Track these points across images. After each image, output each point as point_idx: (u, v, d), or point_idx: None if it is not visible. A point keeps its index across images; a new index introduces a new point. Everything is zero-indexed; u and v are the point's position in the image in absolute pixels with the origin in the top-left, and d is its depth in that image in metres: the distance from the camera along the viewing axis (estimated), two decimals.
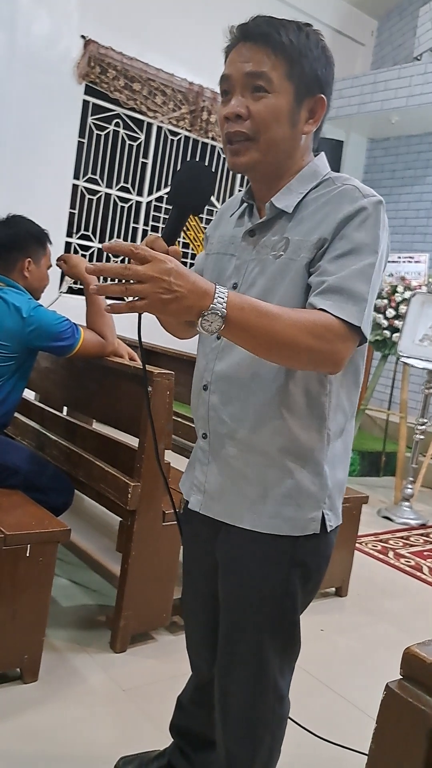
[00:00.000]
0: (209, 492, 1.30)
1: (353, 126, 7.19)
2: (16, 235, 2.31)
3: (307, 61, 1.17)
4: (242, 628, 1.28)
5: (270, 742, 1.34)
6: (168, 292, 0.98)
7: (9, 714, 1.83)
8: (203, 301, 1.01)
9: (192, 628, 1.51)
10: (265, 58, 1.15)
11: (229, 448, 1.25)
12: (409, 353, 4.42)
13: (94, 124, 5.93)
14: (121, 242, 1.00)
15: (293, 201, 1.21)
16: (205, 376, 1.28)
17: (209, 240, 1.41)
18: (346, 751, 1.83)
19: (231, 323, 1.03)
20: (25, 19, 5.25)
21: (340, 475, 1.28)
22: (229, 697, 1.33)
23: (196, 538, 1.39)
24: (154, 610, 2.26)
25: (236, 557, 1.27)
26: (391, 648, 2.59)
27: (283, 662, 1.30)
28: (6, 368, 2.22)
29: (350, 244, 1.13)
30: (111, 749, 1.72)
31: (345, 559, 2.97)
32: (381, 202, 1.17)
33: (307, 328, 1.06)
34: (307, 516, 1.22)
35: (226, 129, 1.19)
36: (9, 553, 1.87)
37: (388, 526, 4.25)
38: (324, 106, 1.22)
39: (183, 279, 0.99)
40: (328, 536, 1.27)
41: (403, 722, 0.68)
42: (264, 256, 1.22)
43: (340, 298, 1.10)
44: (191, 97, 6.27)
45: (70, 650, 2.18)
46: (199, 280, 1.02)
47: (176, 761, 1.59)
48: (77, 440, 2.55)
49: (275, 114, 1.16)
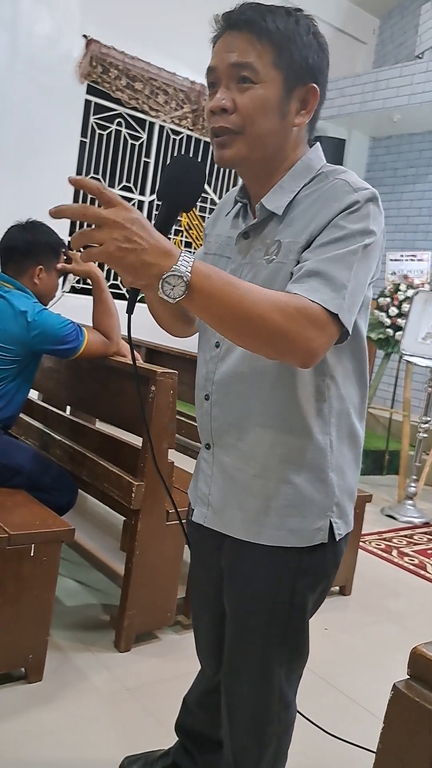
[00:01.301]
0: (213, 504, 1.27)
1: (355, 124, 7.18)
2: (34, 242, 2.31)
3: (296, 48, 1.09)
4: (248, 639, 1.26)
5: (275, 747, 1.32)
6: (127, 241, 0.89)
7: (14, 713, 1.83)
8: (166, 260, 0.92)
9: (200, 634, 1.49)
10: (250, 46, 1.08)
11: (232, 460, 1.22)
12: (411, 351, 4.42)
13: (96, 123, 5.94)
14: (85, 179, 0.93)
15: (284, 201, 1.15)
16: (207, 386, 1.25)
17: (207, 238, 1.37)
18: (351, 749, 1.83)
19: (195, 290, 0.94)
20: (27, 19, 5.25)
21: (350, 481, 1.23)
22: (235, 704, 1.31)
23: (202, 548, 1.37)
24: (158, 610, 2.26)
25: (241, 570, 1.24)
26: (396, 646, 2.59)
27: (290, 671, 1.28)
28: (10, 371, 2.22)
29: (335, 233, 1.06)
30: (115, 749, 1.72)
31: (349, 558, 2.97)
32: (374, 195, 1.09)
33: (278, 306, 0.98)
34: (313, 526, 1.18)
35: (211, 123, 1.13)
36: (13, 552, 1.87)
37: (392, 524, 4.25)
38: (317, 95, 1.13)
39: (146, 232, 0.91)
40: (337, 545, 1.22)
41: (410, 722, 0.68)
42: (257, 261, 1.17)
43: (316, 282, 1.02)
44: (193, 96, 6.27)
45: (74, 650, 2.18)
46: (164, 240, 0.93)
47: (181, 761, 1.60)
48: (81, 440, 2.55)
49: (262, 106, 1.09)
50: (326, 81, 1.16)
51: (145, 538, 2.16)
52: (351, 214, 1.06)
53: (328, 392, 1.17)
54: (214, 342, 1.24)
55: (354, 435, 1.23)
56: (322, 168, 1.17)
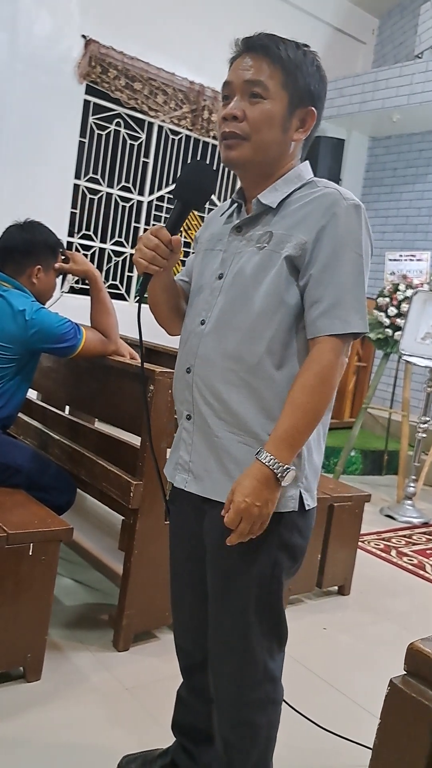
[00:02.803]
0: (194, 471, 1.36)
1: (354, 124, 7.18)
2: (32, 241, 2.31)
3: (302, 75, 1.28)
4: (230, 610, 1.32)
5: (266, 727, 1.36)
6: (260, 517, 1.21)
7: (12, 713, 1.83)
8: (275, 486, 1.21)
9: (180, 611, 1.54)
10: (264, 66, 1.26)
11: (214, 428, 1.31)
12: (411, 351, 4.42)
13: (95, 123, 5.94)
14: None
15: (277, 198, 1.31)
16: (189, 360, 1.35)
17: (198, 241, 1.49)
18: (347, 746, 1.83)
19: (293, 456, 1.23)
20: (26, 19, 5.25)
21: (316, 460, 1.35)
22: (222, 681, 1.37)
23: (183, 521, 1.44)
24: (156, 609, 2.26)
25: (223, 539, 1.29)
26: (394, 646, 2.59)
27: (271, 644, 1.35)
28: (8, 370, 2.22)
29: (334, 255, 1.22)
30: (114, 748, 1.72)
31: (348, 558, 2.97)
32: (360, 206, 1.26)
33: (313, 387, 1.22)
34: (287, 493, 1.29)
35: (222, 128, 1.30)
36: (12, 552, 1.87)
37: (391, 524, 4.25)
38: (314, 117, 1.32)
39: (261, 500, 1.20)
40: (307, 516, 1.34)
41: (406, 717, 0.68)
42: (249, 248, 1.30)
43: (341, 311, 1.22)
44: (192, 97, 6.27)
45: (72, 649, 2.18)
46: (261, 487, 1.20)
47: (179, 759, 1.60)
48: (79, 439, 2.55)
49: (268, 118, 1.27)
50: (323, 107, 1.35)
51: (143, 537, 2.16)
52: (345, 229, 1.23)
53: None
54: (199, 320, 1.35)
55: (322, 421, 1.34)
56: (310, 178, 1.35)
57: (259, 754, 1.37)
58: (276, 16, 6.40)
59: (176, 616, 1.56)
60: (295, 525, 1.31)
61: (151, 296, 1.45)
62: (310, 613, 2.77)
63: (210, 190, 1.32)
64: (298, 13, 6.71)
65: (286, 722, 1.44)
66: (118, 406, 2.42)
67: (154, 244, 1.29)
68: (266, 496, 1.20)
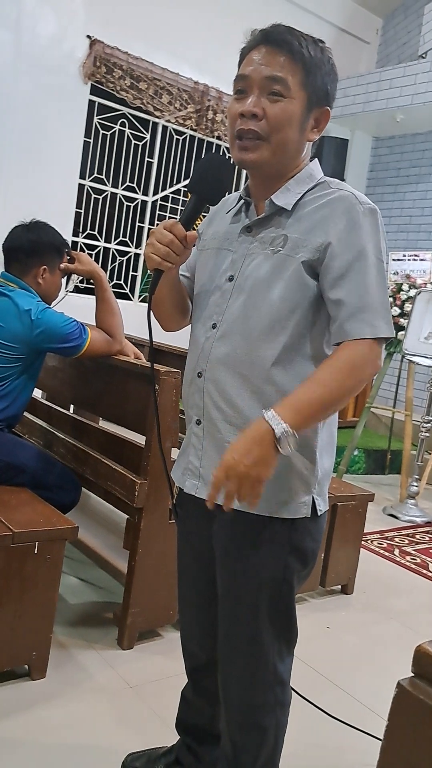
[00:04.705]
0: (204, 476, 1.33)
1: (358, 124, 7.18)
2: (38, 242, 2.32)
3: (321, 74, 1.24)
4: (241, 613, 1.31)
5: (275, 729, 1.36)
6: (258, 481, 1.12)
7: (17, 710, 1.84)
8: (272, 448, 1.12)
9: (186, 612, 1.54)
10: (286, 64, 1.20)
11: (224, 433, 1.29)
12: (414, 351, 4.42)
13: (99, 123, 5.94)
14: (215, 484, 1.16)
15: (292, 200, 1.27)
16: (200, 364, 1.32)
17: (201, 237, 1.44)
18: (353, 741, 1.84)
19: (300, 426, 1.14)
20: (31, 19, 5.26)
21: (327, 463, 1.33)
22: (231, 683, 1.35)
23: (191, 524, 1.43)
24: (161, 608, 2.27)
25: (234, 543, 1.30)
26: (397, 645, 2.60)
27: (281, 647, 1.33)
28: (15, 369, 2.23)
29: (356, 260, 1.19)
30: (118, 746, 1.73)
31: (351, 557, 2.98)
32: (376, 210, 1.25)
33: (343, 374, 1.16)
34: (300, 500, 1.27)
35: (238, 125, 1.23)
36: (17, 550, 1.88)
37: (394, 523, 4.25)
38: (328, 117, 1.29)
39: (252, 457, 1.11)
40: (319, 521, 1.33)
41: (414, 719, 0.68)
42: (262, 251, 1.27)
43: (367, 316, 1.18)
44: (197, 96, 6.28)
45: (77, 647, 2.19)
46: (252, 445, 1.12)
47: (184, 757, 1.60)
48: (84, 438, 2.56)
49: (289, 118, 1.22)
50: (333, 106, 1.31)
51: (148, 536, 2.17)
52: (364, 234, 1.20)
53: None
54: (210, 323, 1.31)
55: (333, 422, 1.35)
56: (322, 178, 1.31)
57: (267, 756, 1.36)
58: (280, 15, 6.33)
59: (183, 618, 1.56)
60: (307, 530, 1.30)
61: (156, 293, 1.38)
62: (314, 612, 2.78)
63: (226, 184, 1.26)
64: (302, 13, 6.70)
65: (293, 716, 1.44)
66: (123, 405, 2.42)
67: (168, 239, 1.24)
68: (257, 454, 1.11)
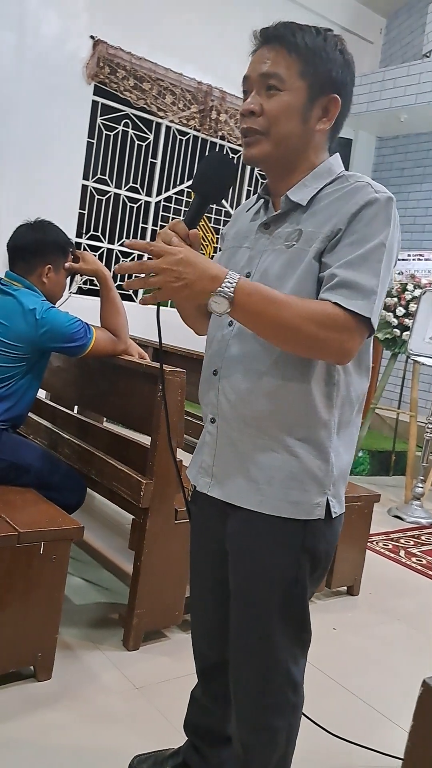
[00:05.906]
0: (216, 475, 1.33)
1: (362, 124, 7.17)
2: (43, 241, 2.32)
3: (321, 62, 1.22)
4: (253, 615, 1.30)
5: (287, 731, 1.34)
6: (178, 280, 1.11)
7: (23, 711, 1.84)
8: (213, 284, 1.12)
9: (198, 612, 1.53)
10: (280, 58, 1.21)
11: (238, 432, 1.28)
12: (419, 351, 4.41)
13: (103, 124, 5.95)
14: (137, 241, 1.10)
15: (307, 195, 1.26)
16: (216, 362, 1.32)
17: (225, 238, 1.46)
18: (358, 749, 1.83)
19: (238, 306, 1.13)
20: (34, 20, 5.27)
21: (344, 466, 1.31)
22: (243, 685, 1.34)
23: (205, 524, 1.42)
24: (166, 608, 2.26)
25: (246, 543, 1.29)
26: (404, 646, 2.59)
27: (295, 648, 1.32)
28: (19, 368, 2.23)
29: (360, 240, 1.17)
30: (125, 747, 1.72)
31: (356, 558, 2.97)
32: (392, 199, 1.21)
33: (312, 317, 1.13)
34: (313, 501, 1.25)
35: (241, 125, 1.26)
36: (23, 551, 1.88)
37: (399, 525, 4.24)
38: (338, 105, 1.25)
39: (191, 266, 1.11)
40: (334, 523, 1.30)
41: None
42: (277, 246, 1.26)
43: (350, 292, 1.15)
44: (200, 97, 6.28)
45: (83, 648, 2.19)
46: (210, 267, 1.13)
47: (191, 759, 1.59)
48: (89, 439, 2.55)
49: (286, 110, 1.22)
50: (350, 94, 1.28)
51: (153, 536, 2.16)
52: (374, 218, 1.17)
53: (337, 377, 1.25)
54: (227, 321, 1.31)
55: (353, 423, 1.32)
56: (341, 172, 1.28)
57: (279, 758, 1.35)
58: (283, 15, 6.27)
59: (194, 618, 1.55)
60: (321, 532, 1.27)
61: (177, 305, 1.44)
62: (320, 613, 2.77)
63: (229, 184, 1.27)
64: (306, 13, 6.70)
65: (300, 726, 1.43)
66: (128, 405, 2.42)
67: (170, 239, 1.21)
68: (191, 276, 1.11)
